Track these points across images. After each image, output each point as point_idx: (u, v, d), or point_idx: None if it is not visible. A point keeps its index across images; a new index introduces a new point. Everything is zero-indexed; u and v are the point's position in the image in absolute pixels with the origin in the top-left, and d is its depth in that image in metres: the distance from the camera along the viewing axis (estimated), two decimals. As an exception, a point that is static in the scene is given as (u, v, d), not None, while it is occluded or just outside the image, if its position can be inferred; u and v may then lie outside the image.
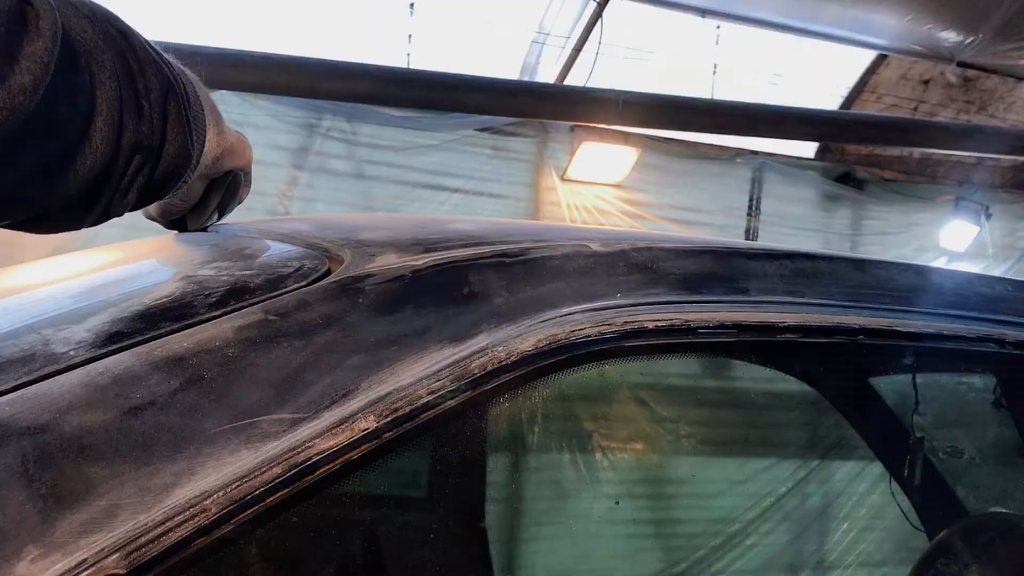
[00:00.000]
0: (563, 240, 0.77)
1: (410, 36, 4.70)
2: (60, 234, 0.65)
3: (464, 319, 0.68)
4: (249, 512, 0.56)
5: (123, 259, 0.95)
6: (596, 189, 5.16)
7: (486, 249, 0.74)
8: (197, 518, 0.54)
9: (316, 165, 4.65)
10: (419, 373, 0.64)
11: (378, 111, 4.63)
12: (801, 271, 0.83)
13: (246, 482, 0.56)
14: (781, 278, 0.81)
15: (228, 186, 0.92)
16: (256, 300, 0.66)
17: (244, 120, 4.26)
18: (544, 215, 5.05)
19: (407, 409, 0.62)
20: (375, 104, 4.55)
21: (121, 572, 0.51)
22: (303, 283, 0.68)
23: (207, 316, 0.64)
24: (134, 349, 0.61)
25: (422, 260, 0.72)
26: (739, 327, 0.77)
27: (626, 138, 5.07)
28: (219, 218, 0.97)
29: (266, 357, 0.62)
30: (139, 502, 0.53)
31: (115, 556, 0.51)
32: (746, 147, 5.60)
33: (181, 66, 0.73)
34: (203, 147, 0.74)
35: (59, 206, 0.61)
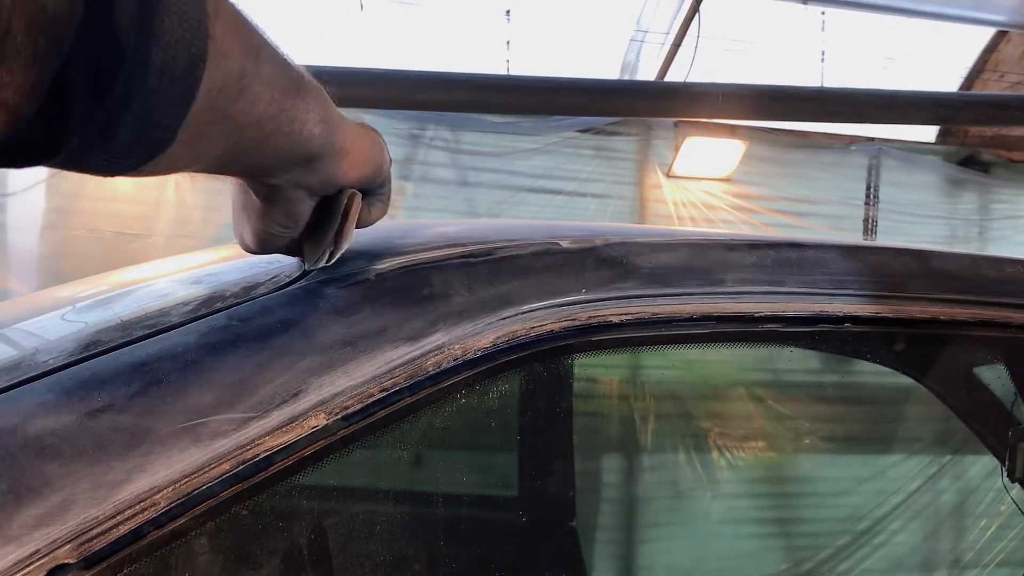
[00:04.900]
0: (536, 239, 0.78)
1: (508, 42, 4.75)
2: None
3: (422, 319, 0.70)
4: (198, 507, 0.60)
5: (141, 274, 1.00)
6: (703, 184, 5.10)
7: (454, 250, 0.76)
8: (146, 512, 0.58)
9: (421, 175, 4.76)
10: (372, 372, 0.67)
11: (479, 118, 4.70)
12: (784, 260, 0.82)
13: (195, 478, 0.60)
14: (760, 268, 0.80)
15: (346, 210, 0.68)
16: (225, 307, 0.70)
17: (350, 134, 4.38)
18: (650, 213, 5.02)
19: (358, 407, 0.65)
20: (477, 112, 4.62)
21: (72, 562, 0.55)
22: (273, 289, 0.72)
23: (178, 323, 0.68)
24: (104, 356, 0.65)
25: (388, 263, 0.74)
26: (714, 318, 0.77)
27: (732, 131, 4.99)
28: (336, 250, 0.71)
29: (223, 361, 0.65)
30: (91, 497, 0.57)
31: (67, 547, 0.55)
32: (861, 134, 5.44)
33: None
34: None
35: None
